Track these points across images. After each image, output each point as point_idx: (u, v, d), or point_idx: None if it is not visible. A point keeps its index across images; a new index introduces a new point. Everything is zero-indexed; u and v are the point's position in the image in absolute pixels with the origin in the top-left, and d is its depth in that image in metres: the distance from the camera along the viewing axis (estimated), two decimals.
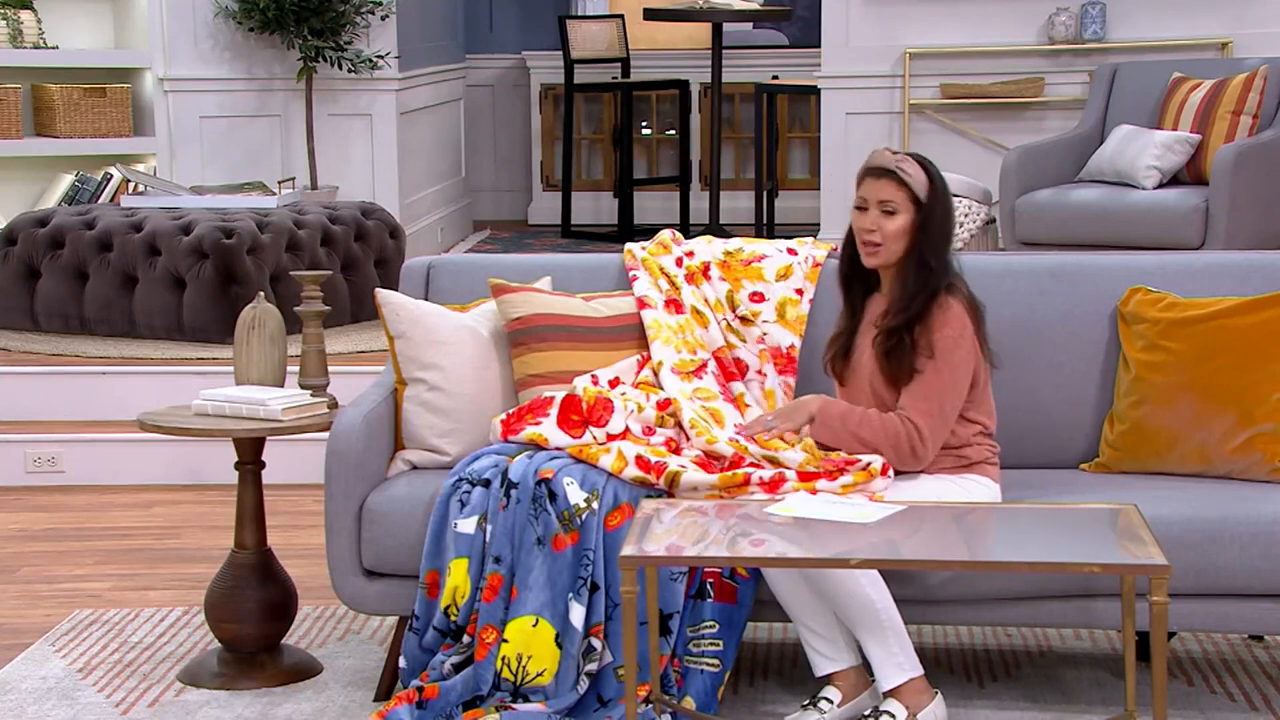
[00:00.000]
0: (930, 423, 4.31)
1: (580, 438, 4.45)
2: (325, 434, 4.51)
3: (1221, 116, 7.85)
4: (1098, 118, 8.32)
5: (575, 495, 4.28)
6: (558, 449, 4.42)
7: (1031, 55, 9.05)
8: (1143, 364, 4.58)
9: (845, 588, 4.13)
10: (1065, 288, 4.76)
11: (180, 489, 6.61)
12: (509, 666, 4.25)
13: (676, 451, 4.44)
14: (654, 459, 4.34)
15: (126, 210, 7.86)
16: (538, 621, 4.26)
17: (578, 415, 4.49)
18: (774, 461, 4.33)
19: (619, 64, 10.78)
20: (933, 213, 4.35)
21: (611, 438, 4.45)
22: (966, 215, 8.04)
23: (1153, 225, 7.70)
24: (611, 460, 4.34)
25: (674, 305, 4.76)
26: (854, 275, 4.48)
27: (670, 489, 4.30)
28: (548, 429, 4.46)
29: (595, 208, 11.27)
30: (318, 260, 7.71)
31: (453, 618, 4.34)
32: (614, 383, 4.62)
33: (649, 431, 4.50)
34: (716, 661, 4.30)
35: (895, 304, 4.38)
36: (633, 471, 4.32)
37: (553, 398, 4.53)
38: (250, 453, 4.65)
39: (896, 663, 4.17)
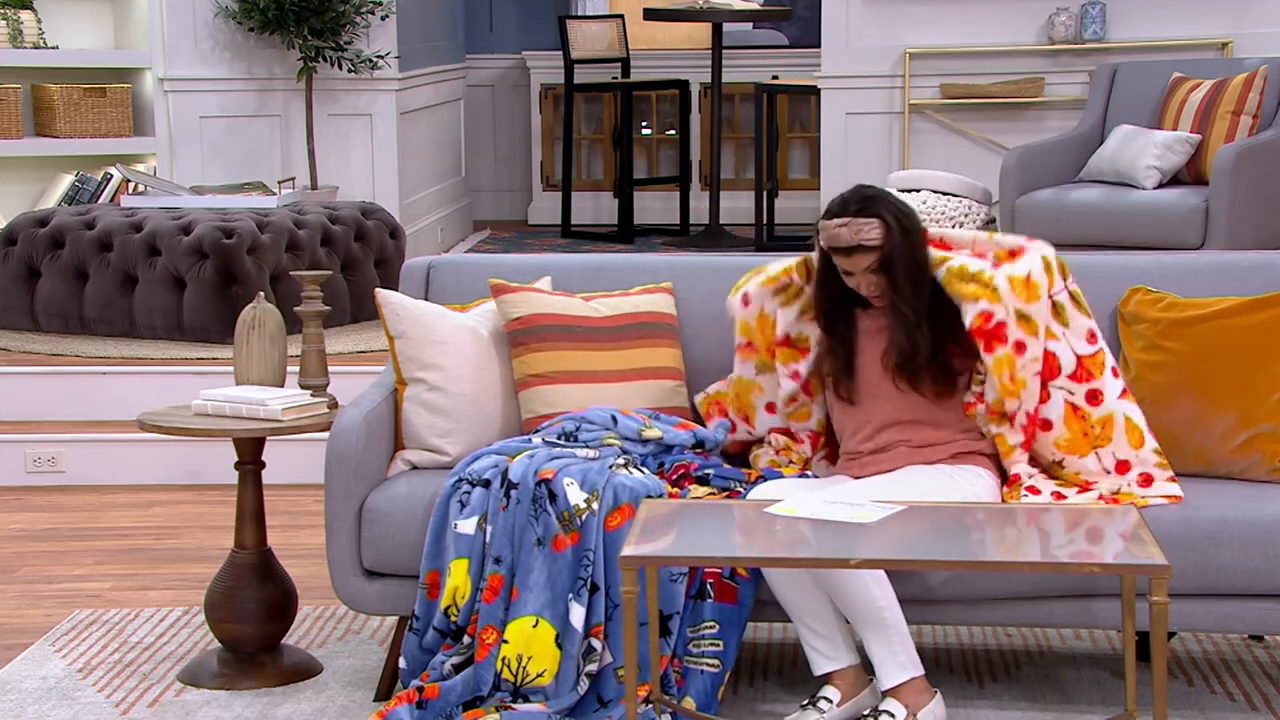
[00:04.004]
0: None
1: None
2: (325, 434, 4.51)
3: (1221, 116, 7.85)
4: (1098, 118, 8.31)
5: (575, 496, 4.28)
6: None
7: (1031, 55, 9.05)
8: (1143, 364, 4.58)
9: (850, 587, 4.13)
10: None
11: (180, 489, 6.61)
12: (509, 667, 4.25)
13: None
14: None
15: (126, 210, 7.86)
16: (538, 622, 4.26)
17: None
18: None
19: (619, 64, 10.77)
20: (908, 240, 4.33)
21: None
22: (966, 215, 8.03)
23: (1153, 225, 7.70)
24: None
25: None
26: (841, 298, 4.47)
27: None
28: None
29: (595, 208, 11.26)
30: (318, 260, 7.71)
31: (453, 618, 4.33)
32: None
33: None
34: (716, 662, 4.30)
35: (913, 319, 4.35)
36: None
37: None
38: (250, 453, 4.65)
39: (898, 662, 4.18)
